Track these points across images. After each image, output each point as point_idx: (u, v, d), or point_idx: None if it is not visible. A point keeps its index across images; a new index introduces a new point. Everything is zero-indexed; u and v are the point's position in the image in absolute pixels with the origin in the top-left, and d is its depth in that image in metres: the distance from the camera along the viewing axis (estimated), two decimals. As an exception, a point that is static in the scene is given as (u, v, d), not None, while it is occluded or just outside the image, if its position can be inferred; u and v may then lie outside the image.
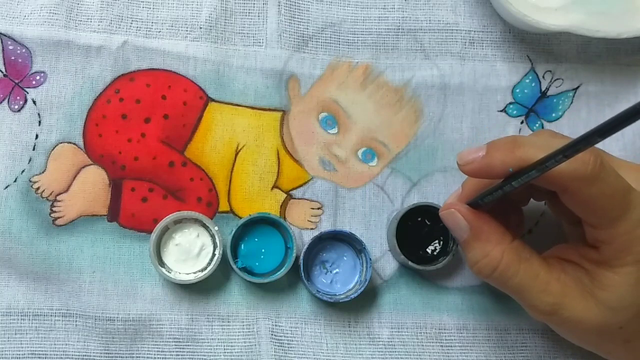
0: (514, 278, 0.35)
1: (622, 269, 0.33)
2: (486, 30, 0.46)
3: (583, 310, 0.34)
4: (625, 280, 0.33)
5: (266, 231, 0.42)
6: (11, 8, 0.44)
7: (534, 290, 0.35)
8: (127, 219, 0.42)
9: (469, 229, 0.36)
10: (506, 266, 0.35)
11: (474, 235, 0.36)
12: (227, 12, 0.45)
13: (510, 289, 0.36)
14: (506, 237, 0.36)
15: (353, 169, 0.44)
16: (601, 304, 0.34)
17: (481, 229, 0.36)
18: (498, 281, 0.36)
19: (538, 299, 0.35)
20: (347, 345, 0.42)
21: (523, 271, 0.35)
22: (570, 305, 0.35)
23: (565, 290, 0.35)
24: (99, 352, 0.40)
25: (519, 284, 0.35)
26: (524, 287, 0.35)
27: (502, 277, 0.35)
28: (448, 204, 0.37)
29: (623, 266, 0.33)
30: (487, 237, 0.36)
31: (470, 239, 0.36)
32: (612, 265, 0.34)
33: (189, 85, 0.44)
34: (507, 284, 0.35)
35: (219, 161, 0.44)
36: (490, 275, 0.36)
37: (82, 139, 0.43)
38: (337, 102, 0.45)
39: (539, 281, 0.35)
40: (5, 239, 0.41)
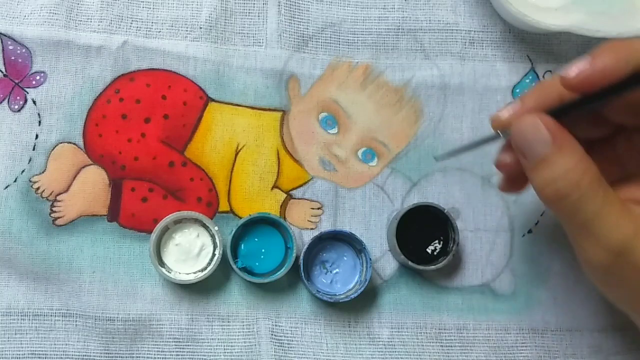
0: (592, 203, 0.30)
1: None
2: (486, 30, 0.46)
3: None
4: None
5: (266, 231, 0.42)
6: (11, 8, 0.44)
7: (608, 222, 0.30)
8: (127, 219, 0.42)
9: (550, 142, 0.30)
10: (589, 186, 0.30)
11: (556, 147, 0.30)
12: (227, 12, 0.45)
13: (583, 217, 0.31)
14: (589, 158, 0.31)
15: (353, 169, 0.44)
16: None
17: (566, 142, 0.31)
18: (573, 205, 0.30)
19: (609, 233, 0.30)
20: (347, 345, 0.42)
21: (602, 197, 0.30)
22: None
23: (637, 228, 0.30)
24: (99, 352, 0.40)
25: (594, 213, 0.30)
26: (597, 218, 0.30)
27: (581, 200, 0.30)
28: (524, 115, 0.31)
29: None
30: (571, 151, 0.30)
31: (551, 153, 0.30)
32: None
33: (189, 85, 0.44)
34: (582, 211, 0.30)
35: (219, 161, 0.44)
36: (566, 197, 0.30)
37: (82, 139, 0.43)
38: (337, 102, 0.45)
39: (614, 213, 0.30)
40: (5, 239, 0.41)
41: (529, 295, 0.43)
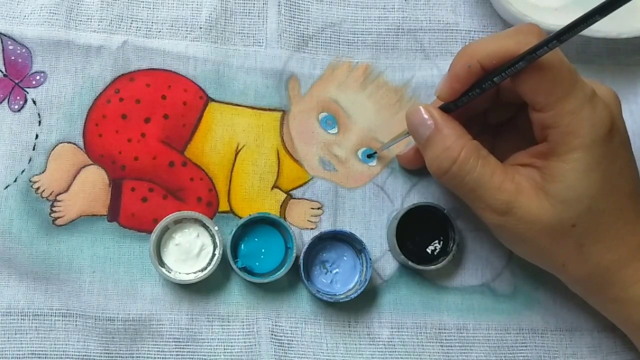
0: (471, 173, 0.36)
1: (570, 155, 0.34)
2: (486, 30, 0.46)
3: (536, 207, 0.35)
4: (574, 168, 0.34)
5: (266, 231, 0.42)
6: (11, 8, 0.44)
7: (490, 188, 0.36)
8: (127, 219, 0.42)
9: (432, 125, 0.37)
10: (465, 159, 0.36)
11: (436, 130, 0.37)
12: (227, 12, 0.45)
13: (467, 186, 0.36)
14: (466, 135, 0.37)
15: (353, 168, 0.44)
16: (553, 198, 0.35)
17: (444, 125, 0.37)
18: (455, 177, 0.36)
19: (493, 197, 0.36)
20: (347, 345, 0.42)
21: (480, 167, 0.36)
22: (523, 203, 0.35)
23: (519, 188, 0.36)
24: (99, 352, 0.40)
25: (475, 181, 0.36)
26: (480, 184, 0.36)
27: (460, 172, 0.36)
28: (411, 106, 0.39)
29: (571, 152, 0.34)
30: (448, 132, 0.36)
31: (432, 134, 0.37)
32: (560, 153, 0.34)
33: (189, 85, 0.44)
34: (464, 180, 0.36)
35: (219, 161, 0.44)
36: (448, 170, 0.36)
37: (82, 139, 0.43)
38: (337, 102, 0.45)
39: (494, 179, 0.36)
40: (5, 239, 0.41)
41: (529, 295, 0.44)
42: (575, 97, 0.33)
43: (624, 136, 0.36)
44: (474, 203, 0.37)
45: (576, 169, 0.34)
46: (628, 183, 0.36)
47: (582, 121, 0.33)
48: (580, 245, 0.36)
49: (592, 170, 0.34)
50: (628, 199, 0.36)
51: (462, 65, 0.35)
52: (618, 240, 0.36)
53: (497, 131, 0.42)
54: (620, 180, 0.35)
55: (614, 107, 0.36)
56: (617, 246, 0.36)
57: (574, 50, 0.46)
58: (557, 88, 0.33)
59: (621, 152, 0.35)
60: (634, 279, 0.36)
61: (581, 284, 0.39)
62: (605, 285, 0.37)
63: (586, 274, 0.37)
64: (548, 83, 0.33)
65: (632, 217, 0.36)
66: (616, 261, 0.36)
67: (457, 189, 0.37)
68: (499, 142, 0.42)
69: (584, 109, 0.33)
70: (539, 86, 0.34)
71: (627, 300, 0.37)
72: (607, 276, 0.37)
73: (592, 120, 0.33)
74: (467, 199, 0.38)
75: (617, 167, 0.35)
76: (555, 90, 0.33)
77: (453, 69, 0.36)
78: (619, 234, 0.36)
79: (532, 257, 0.39)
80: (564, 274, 0.39)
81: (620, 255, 0.36)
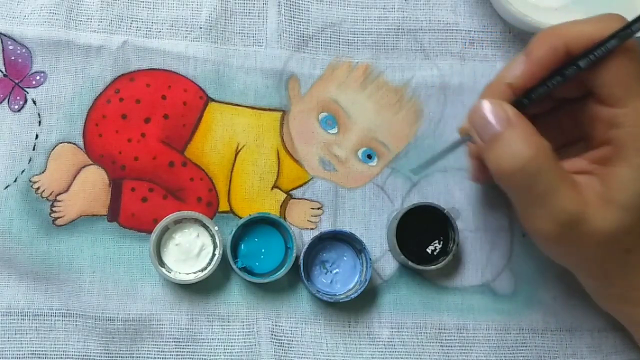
0: (546, 175, 0.32)
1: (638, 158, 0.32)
2: (486, 30, 0.46)
3: (601, 220, 0.32)
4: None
5: (266, 231, 0.42)
6: (11, 8, 0.44)
7: (560, 196, 0.32)
8: (127, 219, 0.42)
9: (505, 119, 0.33)
10: (545, 157, 0.32)
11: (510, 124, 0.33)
12: (227, 12, 0.45)
13: (537, 190, 0.33)
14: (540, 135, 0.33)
15: (353, 169, 0.44)
16: (616, 206, 0.32)
17: (520, 119, 0.33)
18: (528, 177, 0.33)
19: (561, 206, 0.32)
20: (347, 345, 0.42)
21: (555, 170, 0.33)
22: (591, 216, 0.33)
23: (585, 199, 0.33)
24: (99, 352, 0.40)
25: (547, 184, 0.32)
26: (551, 190, 0.32)
27: (536, 171, 0.32)
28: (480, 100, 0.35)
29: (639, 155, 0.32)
30: (525, 127, 0.33)
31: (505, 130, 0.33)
32: (627, 157, 0.32)
33: (189, 85, 0.44)
34: (536, 182, 0.33)
35: (219, 161, 0.44)
36: (523, 167, 0.32)
37: (82, 139, 0.43)
38: (337, 102, 0.45)
39: (566, 186, 0.33)
40: (5, 239, 0.41)
41: (529, 295, 0.43)
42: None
43: None
44: (535, 211, 0.34)
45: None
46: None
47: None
48: (628, 252, 0.34)
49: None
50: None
51: (547, 48, 0.32)
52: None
53: None
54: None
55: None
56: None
57: (574, 50, 0.46)
58: (636, 85, 0.32)
59: None
60: None
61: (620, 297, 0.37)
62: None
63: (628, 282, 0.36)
64: (629, 77, 0.31)
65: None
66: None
67: (522, 192, 0.34)
68: None
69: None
70: (619, 79, 0.32)
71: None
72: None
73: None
74: (528, 205, 0.34)
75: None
76: (635, 87, 0.32)
77: (535, 52, 0.33)
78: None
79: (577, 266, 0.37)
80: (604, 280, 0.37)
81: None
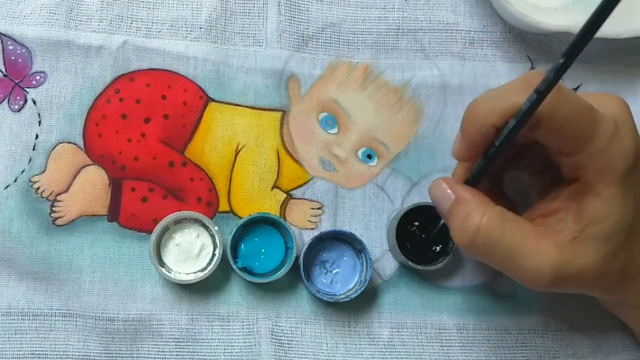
0: (500, 240, 0.33)
1: (607, 190, 0.32)
2: (486, 30, 0.46)
3: (583, 258, 0.33)
4: (616, 203, 0.32)
5: (266, 231, 0.42)
6: (11, 8, 0.44)
7: (527, 252, 0.33)
8: (127, 219, 0.42)
9: (452, 197, 0.35)
10: (489, 226, 0.33)
11: (456, 201, 0.35)
12: (227, 12, 0.45)
13: (499, 255, 0.33)
14: (489, 202, 0.34)
15: (353, 169, 0.44)
16: (597, 239, 0.33)
17: (463, 195, 0.35)
18: (484, 247, 0.33)
19: (534, 262, 0.33)
20: (347, 345, 0.42)
21: (510, 230, 0.33)
22: (571, 260, 0.33)
23: (559, 245, 0.33)
24: (99, 352, 0.40)
25: (507, 247, 0.33)
26: (514, 250, 0.33)
27: (488, 240, 0.33)
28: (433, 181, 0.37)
29: (609, 188, 0.32)
30: (467, 201, 0.34)
31: (452, 205, 0.35)
32: (598, 192, 0.32)
33: (189, 85, 0.44)
34: (495, 248, 0.33)
35: (219, 161, 0.44)
36: (473, 240, 0.33)
37: (82, 139, 0.43)
38: (337, 102, 0.45)
39: (529, 240, 0.33)
40: (5, 239, 0.41)
41: (529, 295, 0.43)
42: (602, 134, 0.32)
43: None
44: (514, 271, 0.34)
45: (617, 205, 0.32)
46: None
47: (614, 156, 0.32)
48: (624, 268, 0.34)
49: (628, 198, 0.33)
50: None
51: (476, 129, 0.34)
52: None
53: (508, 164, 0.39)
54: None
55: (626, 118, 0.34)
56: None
57: (574, 50, 0.46)
58: (582, 131, 0.32)
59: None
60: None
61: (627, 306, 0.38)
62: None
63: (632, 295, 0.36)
64: (571, 130, 0.32)
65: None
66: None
67: (490, 260, 0.34)
68: None
69: (612, 143, 0.32)
70: (562, 134, 0.32)
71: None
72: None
73: (623, 152, 0.32)
74: (506, 271, 0.34)
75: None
76: (581, 134, 0.32)
77: (466, 134, 0.35)
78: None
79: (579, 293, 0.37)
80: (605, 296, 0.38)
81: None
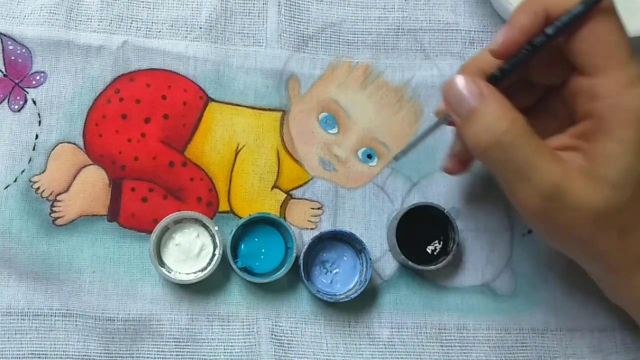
0: (523, 148, 0.32)
1: (620, 133, 0.31)
2: (486, 30, 0.46)
3: (585, 192, 0.32)
4: (626, 149, 0.31)
5: (266, 231, 0.42)
6: (11, 8, 0.44)
7: (539, 168, 0.32)
8: (127, 219, 0.42)
9: (478, 94, 0.33)
10: (518, 133, 0.32)
11: (484, 99, 0.33)
12: (227, 12, 0.45)
13: (514, 164, 0.32)
14: (515, 108, 0.33)
15: (353, 169, 0.44)
16: (603, 182, 0.32)
17: (493, 93, 0.33)
18: (505, 152, 0.32)
19: (542, 179, 0.32)
20: (347, 345, 0.42)
21: (531, 143, 0.32)
22: (573, 187, 0.32)
23: (567, 171, 0.32)
24: (99, 352, 0.40)
25: (524, 158, 0.32)
26: (528, 163, 0.32)
27: (512, 144, 0.32)
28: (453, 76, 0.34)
29: (622, 128, 0.31)
30: (499, 102, 0.33)
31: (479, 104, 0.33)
32: (609, 130, 0.32)
33: (189, 85, 0.44)
34: (515, 155, 0.32)
35: (219, 161, 0.44)
36: (496, 143, 0.32)
37: (82, 139, 0.43)
38: (337, 102, 0.45)
39: (544, 158, 0.32)
40: (5, 239, 0.41)
41: (529, 295, 0.43)
42: (631, 69, 0.31)
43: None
44: (517, 186, 0.33)
45: (627, 150, 0.31)
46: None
47: (635, 96, 0.31)
48: (623, 231, 0.33)
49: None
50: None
51: (527, 13, 0.32)
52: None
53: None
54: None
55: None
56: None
57: (574, 50, 0.46)
58: (617, 53, 0.31)
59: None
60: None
61: (616, 275, 0.36)
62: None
63: (624, 263, 0.35)
64: (609, 45, 0.31)
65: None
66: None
67: (501, 167, 0.33)
68: None
69: (637, 85, 0.31)
70: (598, 47, 0.31)
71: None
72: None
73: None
74: (510, 180, 0.34)
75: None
76: (615, 55, 0.31)
77: (515, 17, 0.33)
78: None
79: (568, 247, 0.36)
80: (601, 263, 0.36)
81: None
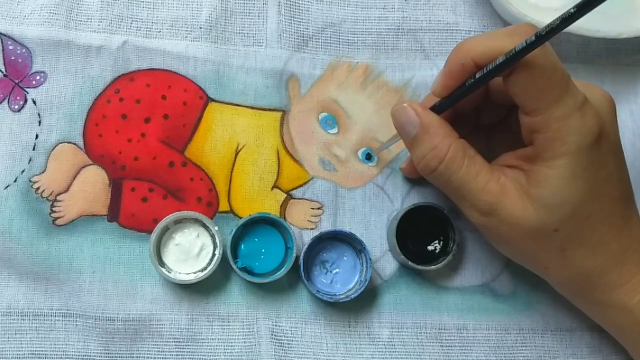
0: (457, 173, 0.36)
1: (555, 161, 0.34)
2: (486, 30, 0.46)
3: (519, 210, 0.35)
4: (558, 174, 0.34)
5: (266, 231, 0.42)
6: (11, 8, 0.44)
7: (474, 188, 0.36)
8: (127, 219, 0.42)
9: (418, 124, 0.37)
10: (451, 159, 0.36)
11: (423, 129, 0.36)
12: (227, 12, 0.45)
13: (453, 185, 0.36)
14: (454, 133, 0.37)
15: (353, 168, 0.44)
16: (536, 202, 0.35)
17: (430, 123, 0.37)
18: (442, 176, 0.36)
19: (477, 198, 0.36)
20: (347, 345, 0.42)
21: (466, 167, 0.36)
22: (507, 205, 0.35)
23: (503, 190, 0.36)
24: (99, 352, 0.40)
25: (460, 180, 0.36)
26: (465, 184, 0.36)
27: (447, 171, 0.36)
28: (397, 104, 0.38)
29: (557, 158, 0.34)
30: (435, 131, 0.36)
31: (419, 133, 0.37)
32: (546, 158, 0.34)
33: (189, 85, 0.44)
34: (450, 180, 0.36)
35: (219, 161, 0.44)
36: (435, 169, 0.36)
37: (82, 139, 0.43)
38: (337, 102, 0.45)
39: (479, 179, 0.36)
40: (5, 239, 0.41)
41: (529, 295, 0.44)
42: (565, 103, 0.33)
43: (614, 143, 0.36)
44: (460, 202, 0.38)
45: (560, 176, 0.34)
46: (615, 189, 0.36)
47: (570, 128, 0.33)
48: (563, 249, 0.36)
49: (577, 177, 0.34)
50: (614, 205, 0.36)
51: (456, 62, 0.35)
52: (602, 246, 0.36)
53: (490, 131, 0.42)
54: (607, 187, 0.35)
55: (606, 114, 0.35)
56: (601, 252, 0.36)
57: (574, 50, 0.46)
58: (547, 93, 0.33)
59: (609, 159, 0.35)
60: (618, 283, 0.36)
61: (565, 286, 0.39)
62: (589, 289, 0.37)
63: (569, 277, 0.38)
64: (539, 87, 0.33)
65: (617, 222, 0.36)
66: (599, 266, 0.36)
67: (443, 187, 0.38)
68: (492, 142, 0.41)
69: (573, 116, 0.33)
70: (529, 89, 0.33)
71: (610, 304, 0.37)
72: (591, 280, 0.37)
73: (580, 129, 0.33)
74: (452, 197, 0.38)
75: (604, 174, 0.35)
76: (546, 95, 0.33)
77: (448, 66, 0.36)
78: (603, 239, 0.36)
79: (516, 258, 0.40)
80: (548, 276, 0.39)
81: (604, 261, 0.36)
